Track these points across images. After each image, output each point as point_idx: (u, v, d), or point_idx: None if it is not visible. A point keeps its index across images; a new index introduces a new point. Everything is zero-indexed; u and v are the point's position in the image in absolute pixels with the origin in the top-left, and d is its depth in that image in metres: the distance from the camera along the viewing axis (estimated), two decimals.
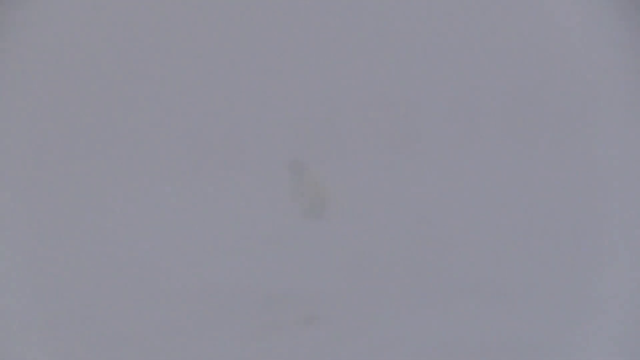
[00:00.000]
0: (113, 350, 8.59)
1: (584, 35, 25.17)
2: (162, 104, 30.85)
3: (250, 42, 31.50)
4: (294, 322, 8.97)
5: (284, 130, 29.62)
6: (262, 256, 12.87)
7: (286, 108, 30.42)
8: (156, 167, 29.19)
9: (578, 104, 26.46)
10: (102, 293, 11.24)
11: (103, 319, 9.94)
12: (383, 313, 9.13)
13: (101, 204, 21.84)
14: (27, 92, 29.15)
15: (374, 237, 13.42)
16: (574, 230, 12.43)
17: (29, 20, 28.22)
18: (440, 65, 29.48)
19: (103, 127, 30.05)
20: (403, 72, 29.66)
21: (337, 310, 9.37)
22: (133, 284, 11.74)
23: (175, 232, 16.09)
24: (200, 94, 31.12)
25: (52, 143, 29.60)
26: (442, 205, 16.07)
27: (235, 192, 21.92)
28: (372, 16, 30.50)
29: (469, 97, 28.38)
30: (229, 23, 31.57)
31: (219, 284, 11.08)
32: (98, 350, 8.64)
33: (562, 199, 15.20)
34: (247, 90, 30.97)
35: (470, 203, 15.74)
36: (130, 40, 30.86)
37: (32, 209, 21.79)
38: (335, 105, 29.93)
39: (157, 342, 8.73)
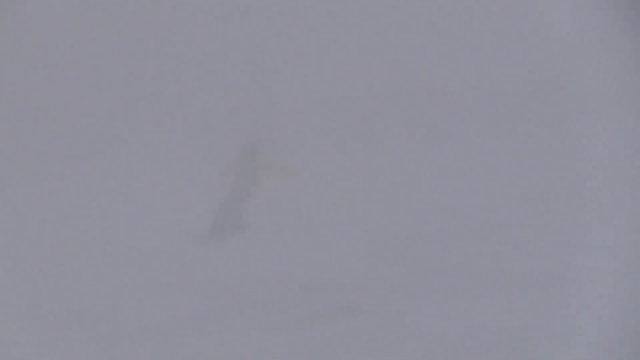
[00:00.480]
0: (145, 342, 8.69)
1: (580, 34, 25.22)
2: (134, 101, 30.83)
3: (237, 38, 31.46)
4: (329, 312, 9.10)
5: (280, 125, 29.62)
6: (297, 247, 13.03)
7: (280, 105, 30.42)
8: (162, 162, 29.22)
9: (573, 101, 26.54)
10: (134, 285, 11.36)
11: (137, 310, 10.08)
12: (416, 302, 9.24)
13: (109, 200, 21.92)
14: (19, 91, 29.08)
15: (403, 229, 13.56)
16: (570, 226, 12.50)
17: (25, 19, 28.18)
18: (437, 62, 29.53)
19: (85, 125, 29.99)
20: (398, 69, 29.70)
21: (372, 300, 9.47)
22: (170, 275, 11.92)
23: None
24: (194, 91, 31.08)
25: (42, 142, 29.51)
26: (457, 199, 16.20)
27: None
28: (362, 12, 30.54)
29: (465, 94, 28.45)
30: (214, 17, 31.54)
31: (256, 274, 11.23)
32: (137, 339, 8.76)
33: (555, 195, 15.28)
34: (238, 86, 30.94)
35: (478, 198, 15.88)
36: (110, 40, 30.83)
37: (26, 207, 21.81)
38: (336, 101, 29.95)
39: (193, 333, 8.87)
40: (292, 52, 31.28)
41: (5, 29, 26.94)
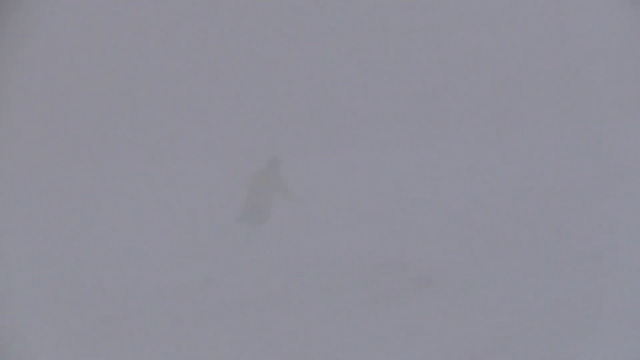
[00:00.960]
0: (234, 316, 9.25)
1: (600, 30, 25.31)
2: (145, 98, 30.94)
3: (239, 39, 31.48)
4: (408, 286, 9.66)
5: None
6: (378, 227, 13.58)
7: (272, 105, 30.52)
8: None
9: (590, 96, 26.71)
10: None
11: (225, 288, 10.65)
12: (488, 277, 9.76)
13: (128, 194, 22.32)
14: (19, 88, 28.99)
15: (473, 211, 14.07)
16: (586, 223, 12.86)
17: (30, 16, 28.09)
18: (451, 59, 29.56)
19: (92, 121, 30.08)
20: (433, 65, 29.74)
21: (448, 275, 9.99)
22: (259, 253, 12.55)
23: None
24: (200, 92, 31.16)
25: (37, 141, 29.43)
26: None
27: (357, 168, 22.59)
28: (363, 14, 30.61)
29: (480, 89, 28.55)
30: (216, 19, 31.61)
31: (341, 254, 11.79)
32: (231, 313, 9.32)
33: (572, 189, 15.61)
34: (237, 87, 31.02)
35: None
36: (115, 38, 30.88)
37: (31, 204, 22.06)
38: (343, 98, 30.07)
39: (284, 310, 9.47)
40: (294, 53, 31.29)
41: (8, 27, 26.82)
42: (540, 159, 18.98)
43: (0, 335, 9.40)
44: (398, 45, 30.22)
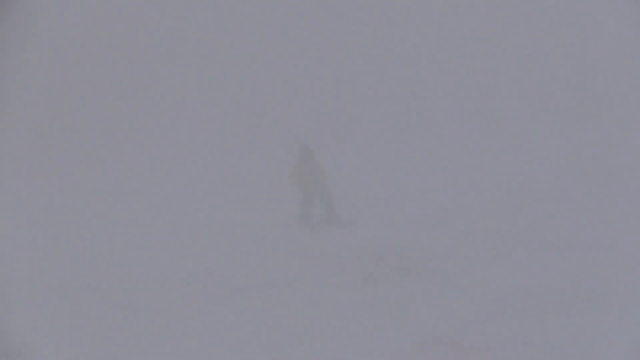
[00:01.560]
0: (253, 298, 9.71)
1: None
2: (178, 92, 31.14)
3: (257, 35, 31.66)
4: (392, 273, 10.21)
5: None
6: (370, 219, 14.02)
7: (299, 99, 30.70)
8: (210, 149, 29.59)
9: (582, 94, 26.80)
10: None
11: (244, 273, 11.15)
12: (469, 265, 10.33)
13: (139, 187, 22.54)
14: (26, 87, 29.12)
15: (453, 204, 14.49)
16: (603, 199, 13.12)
17: (34, 15, 28.24)
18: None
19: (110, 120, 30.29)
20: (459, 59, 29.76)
21: (425, 264, 10.52)
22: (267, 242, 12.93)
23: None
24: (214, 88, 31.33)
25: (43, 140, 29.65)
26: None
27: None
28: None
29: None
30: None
31: (335, 244, 12.30)
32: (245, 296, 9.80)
33: (594, 172, 15.80)
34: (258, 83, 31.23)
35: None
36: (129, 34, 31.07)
37: (37, 200, 22.22)
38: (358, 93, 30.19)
39: (287, 289, 10.06)
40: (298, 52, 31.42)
41: (7, 27, 27.01)
42: (523, 156, 19.32)
43: (6, 330, 9.71)
44: (398, 48, 30.40)
